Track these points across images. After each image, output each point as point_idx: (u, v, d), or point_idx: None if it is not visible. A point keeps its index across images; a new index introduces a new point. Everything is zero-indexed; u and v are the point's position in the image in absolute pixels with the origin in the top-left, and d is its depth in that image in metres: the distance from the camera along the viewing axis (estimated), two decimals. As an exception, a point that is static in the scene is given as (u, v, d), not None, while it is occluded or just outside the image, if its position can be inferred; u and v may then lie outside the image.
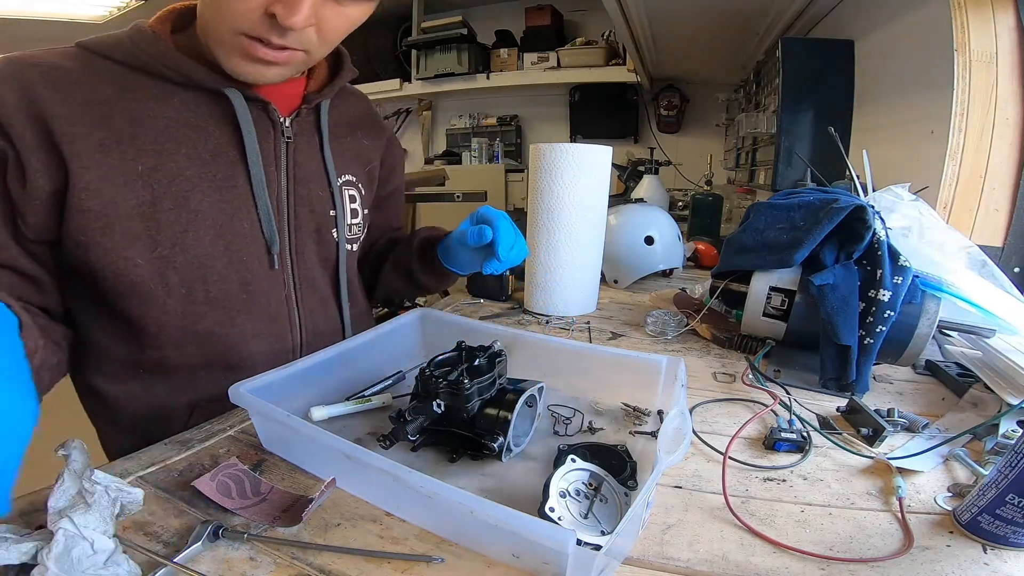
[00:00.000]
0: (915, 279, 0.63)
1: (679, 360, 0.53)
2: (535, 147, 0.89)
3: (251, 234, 0.59)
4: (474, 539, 0.36)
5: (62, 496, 0.32)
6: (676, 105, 3.21)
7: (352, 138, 0.71)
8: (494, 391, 0.47)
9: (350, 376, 0.58)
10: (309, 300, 0.66)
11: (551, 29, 3.24)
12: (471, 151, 3.57)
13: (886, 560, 0.36)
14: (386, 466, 0.35)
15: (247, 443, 0.49)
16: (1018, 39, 0.91)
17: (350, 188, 0.69)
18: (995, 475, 0.38)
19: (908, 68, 1.16)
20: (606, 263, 1.06)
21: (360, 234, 0.72)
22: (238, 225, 0.58)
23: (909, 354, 0.65)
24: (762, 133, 1.80)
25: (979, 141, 0.94)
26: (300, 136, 0.63)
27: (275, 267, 0.61)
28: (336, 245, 0.68)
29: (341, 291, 0.70)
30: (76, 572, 0.28)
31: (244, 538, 0.35)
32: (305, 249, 0.65)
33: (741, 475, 0.46)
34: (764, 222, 0.76)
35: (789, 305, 0.71)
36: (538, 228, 0.91)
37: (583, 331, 0.85)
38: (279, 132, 0.60)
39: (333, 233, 0.67)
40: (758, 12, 1.67)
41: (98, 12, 2.43)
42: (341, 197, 0.67)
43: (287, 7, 0.47)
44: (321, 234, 0.66)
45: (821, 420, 0.56)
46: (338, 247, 0.68)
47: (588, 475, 0.40)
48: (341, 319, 0.71)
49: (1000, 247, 0.94)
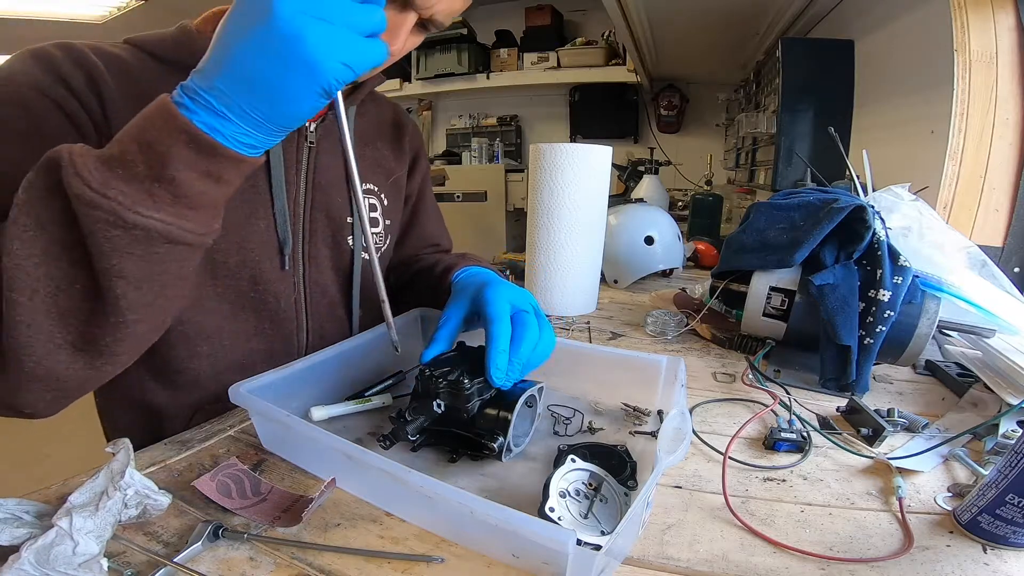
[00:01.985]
0: (915, 279, 0.63)
1: (679, 360, 0.53)
2: (535, 147, 0.89)
3: (266, 233, 0.59)
4: (474, 539, 0.36)
5: (86, 492, 0.33)
6: (676, 105, 3.21)
7: (374, 147, 0.70)
8: (494, 391, 0.47)
9: (350, 376, 0.58)
10: (318, 304, 0.66)
11: (551, 29, 3.24)
12: (471, 151, 3.57)
13: (886, 560, 0.36)
14: (386, 466, 0.35)
15: (247, 443, 0.49)
16: (1018, 39, 0.91)
17: (371, 197, 0.69)
18: (995, 475, 0.38)
19: (908, 68, 1.16)
20: (606, 263, 1.06)
21: (381, 244, 0.72)
22: (254, 224, 0.58)
23: (909, 354, 0.65)
24: (762, 133, 1.80)
25: (979, 141, 0.94)
26: (323, 141, 0.63)
27: (286, 268, 0.61)
28: (351, 253, 0.67)
29: (353, 298, 0.70)
30: (48, 568, 0.28)
31: (244, 538, 0.35)
32: (319, 254, 0.64)
33: (741, 475, 0.46)
34: (764, 222, 0.76)
35: (789, 305, 0.71)
36: (538, 228, 0.91)
37: (583, 331, 0.85)
38: (303, 137, 0.60)
39: (349, 240, 0.67)
40: (758, 12, 1.67)
41: (98, 12, 2.43)
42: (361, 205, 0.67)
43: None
44: (336, 241, 0.66)
45: (821, 420, 0.56)
46: (353, 255, 0.68)
47: (588, 475, 0.40)
48: (350, 326, 0.71)
49: (1000, 247, 0.94)
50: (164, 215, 0.35)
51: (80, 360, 0.38)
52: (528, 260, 0.96)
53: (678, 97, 3.21)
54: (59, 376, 0.38)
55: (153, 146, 0.34)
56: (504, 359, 0.47)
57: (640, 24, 1.87)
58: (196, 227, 0.38)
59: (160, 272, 0.38)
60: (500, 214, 3.34)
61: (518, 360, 0.47)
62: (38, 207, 0.35)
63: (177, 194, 0.35)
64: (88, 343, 0.38)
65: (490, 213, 3.33)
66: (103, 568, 0.30)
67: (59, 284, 0.36)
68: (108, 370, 0.41)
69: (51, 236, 0.35)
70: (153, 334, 0.43)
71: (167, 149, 0.34)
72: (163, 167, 0.34)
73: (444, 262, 0.71)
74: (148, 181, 0.35)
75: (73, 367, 0.38)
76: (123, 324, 0.38)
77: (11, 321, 0.35)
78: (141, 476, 0.35)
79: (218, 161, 0.36)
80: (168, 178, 0.35)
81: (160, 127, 0.34)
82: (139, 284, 0.37)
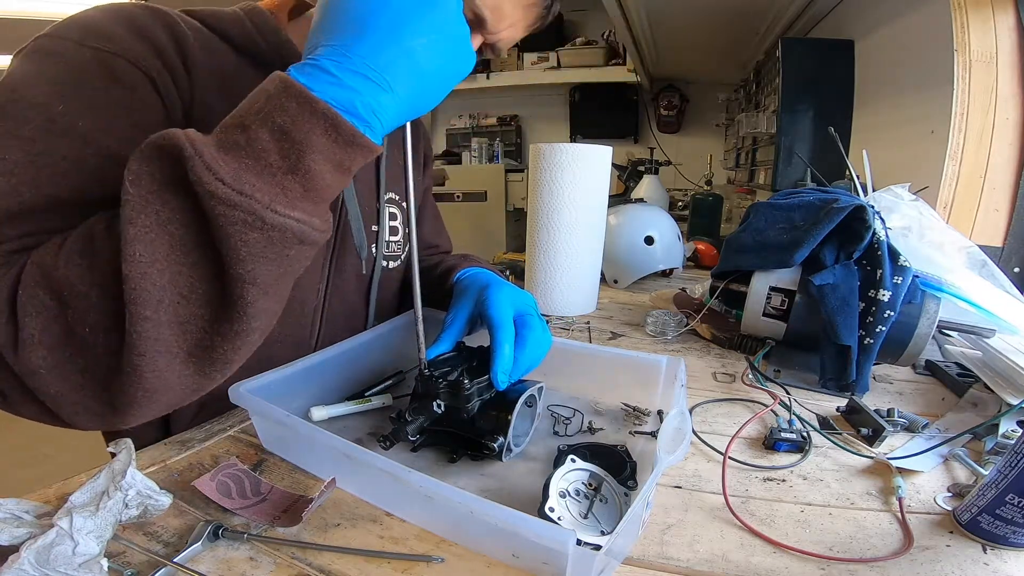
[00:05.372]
0: (915, 279, 0.63)
1: (679, 360, 0.53)
2: (535, 147, 0.89)
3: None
4: (474, 539, 0.36)
5: (87, 492, 0.33)
6: (676, 105, 3.21)
7: (393, 156, 0.71)
8: (494, 391, 0.47)
9: (350, 376, 0.58)
10: (336, 309, 0.65)
11: (551, 29, 3.22)
12: (471, 151, 3.57)
13: (886, 560, 0.36)
14: (386, 466, 0.35)
15: (247, 443, 0.49)
16: (1018, 39, 0.91)
17: (391, 206, 0.69)
18: (995, 475, 0.38)
19: (908, 68, 1.16)
20: (606, 263, 1.06)
21: (400, 252, 0.72)
22: None
23: (909, 354, 0.65)
24: (762, 133, 1.80)
25: (979, 141, 0.94)
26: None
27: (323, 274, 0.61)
28: (373, 261, 0.68)
29: (370, 306, 0.70)
30: (48, 568, 0.28)
31: (244, 538, 0.35)
32: (345, 263, 0.64)
33: (741, 475, 0.46)
34: (764, 222, 0.76)
35: (789, 305, 0.71)
36: (538, 228, 0.91)
37: (583, 331, 0.85)
38: None
39: (372, 248, 0.67)
40: (758, 12, 1.67)
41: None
42: (383, 213, 0.67)
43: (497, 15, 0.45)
44: (361, 248, 0.66)
45: (821, 420, 0.56)
46: (375, 263, 0.68)
47: (588, 475, 0.40)
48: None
49: (1000, 247, 0.94)
50: (299, 213, 0.32)
51: (191, 367, 0.34)
52: (528, 260, 0.96)
53: (678, 97, 3.21)
54: (171, 387, 0.34)
55: (290, 134, 0.30)
56: (509, 363, 0.46)
57: (640, 24, 1.87)
58: (322, 224, 0.34)
59: (289, 275, 0.35)
60: (500, 214, 3.34)
61: (522, 364, 0.48)
62: (156, 204, 0.30)
63: (308, 187, 0.32)
64: (205, 350, 0.34)
65: (490, 213, 3.33)
66: (103, 568, 0.30)
67: (183, 292, 0.32)
68: (216, 379, 0.37)
69: (173, 237, 0.30)
70: (260, 341, 0.38)
71: (305, 136, 0.30)
72: (300, 158, 0.31)
73: (445, 263, 0.72)
74: (281, 174, 0.31)
75: (185, 374, 0.34)
76: (245, 332, 0.34)
77: (137, 337, 0.31)
78: (143, 476, 0.35)
79: (353, 150, 0.33)
80: (304, 169, 0.31)
81: (295, 112, 0.30)
82: (267, 289, 0.33)
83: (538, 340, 0.50)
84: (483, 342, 0.52)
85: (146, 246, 0.30)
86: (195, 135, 0.30)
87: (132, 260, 0.30)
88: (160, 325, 0.31)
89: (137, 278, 0.30)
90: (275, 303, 0.36)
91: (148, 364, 0.32)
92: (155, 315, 0.31)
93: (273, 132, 0.30)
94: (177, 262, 0.31)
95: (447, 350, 0.51)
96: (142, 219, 0.30)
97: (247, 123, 0.31)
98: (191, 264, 0.31)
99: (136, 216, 0.30)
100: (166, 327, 0.32)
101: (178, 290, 0.31)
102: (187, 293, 0.32)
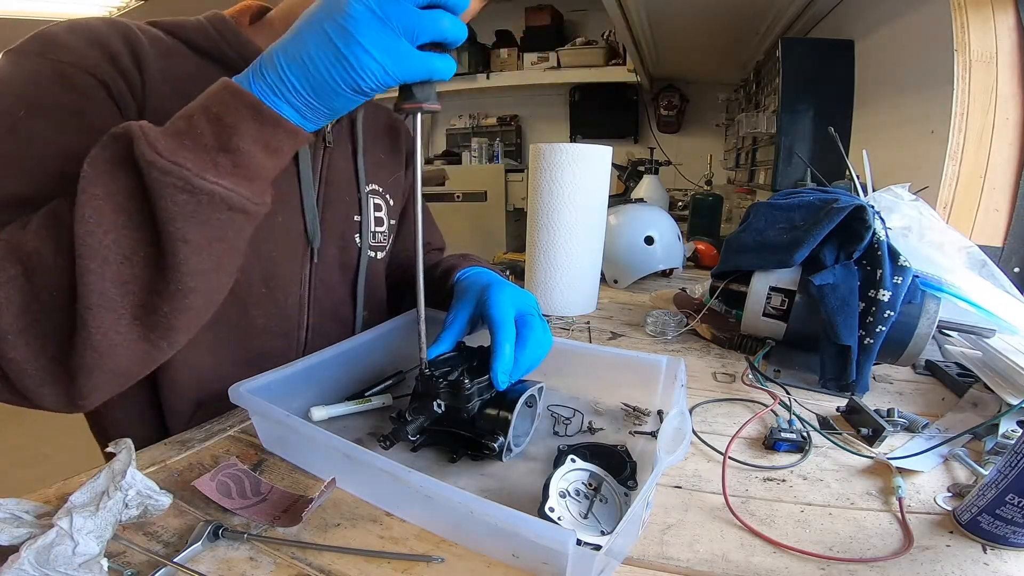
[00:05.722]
0: (915, 279, 0.63)
1: (679, 360, 0.53)
2: (535, 147, 0.89)
3: (284, 229, 0.59)
4: (474, 539, 0.36)
5: (87, 492, 0.33)
6: (676, 105, 3.21)
7: (375, 149, 0.72)
8: (494, 391, 0.47)
9: (350, 376, 0.58)
10: (322, 301, 0.66)
11: (551, 29, 3.25)
12: (471, 151, 3.57)
13: (886, 560, 0.36)
14: (386, 466, 0.35)
15: (247, 443, 0.49)
16: (1018, 39, 0.91)
17: (376, 197, 0.71)
18: (995, 475, 0.38)
19: (908, 68, 1.16)
20: (606, 263, 1.06)
21: (385, 243, 0.73)
22: (272, 220, 0.58)
23: (909, 354, 0.65)
24: (762, 133, 1.80)
25: (979, 141, 0.94)
26: (337, 142, 0.64)
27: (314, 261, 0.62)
28: (358, 251, 0.69)
29: (358, 297, 0.70)
30: (48, 568, 0.28)
31: (244, 538, 0.35)
32: (327, 252, 0.65)
33: (741, 475, 0.46)
34: (764, 222, 0.76)
35: (789, 305, 0.71)
36: (538, 228, 0.91)
37: (583, 331, 0.85)
38: (321, 137, 0.62)
39: (356, 239, 0.68)
40: (758, 12, 1.68)
41: (98, 12, 2.43)
42: (367, 204, 0.68)
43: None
44: (344, 239, 0.67)
45: (821, 420, 0.56)
46: (360, 253, 0.69)
47: (588, 475, 0.40)
48: (353, 327, 0.71)
49: (1000, 247, 0.94)
50: (227, 182, 0.37)
51: (136, 331, 0.39)
52: (528, 260, 0.96)
53: (678, 97, 3.21)
54: (119, 351, 0.39)
55: (222, 119, 0.36)
56: (509, 363, 0.47)
57: (640, 24, 1.87)
58: (253, 196, 0.39)
59: (219, 238, 0.39)
60: (500, 214, 3.34)
61: (523, 364, 0.48)
62: (106, 178, 0.36)
63: (238, 163, 0.37)
64: (148, 312, 0.39)
65: (490, 213, 3.33)
66: (103, 568, 0.30)
67: (126, 253, 0.37)
68: (163, 347, 0.41)
69: (118, 205, 0.36)
70: (205, 311, 0.43)
71: (234, 122, 0.36)
72: (229, 138, 0.37)
73: (445, 263, 0.72)
74: (214, 151, 0.36)
75: (131, 338, 0.39)
76: (181, 293, 0.39)
77: (83, 289, 0.36)
78: (143, 476, 0.35)
79: (278, 133, 0.38)
80: (233, 148, 0.37)
81: (227, 102, 0.37)
82: (199, 249, 0.38)
83: (539, 340, 0.50)
84: (483, 342, 0.52)
85: (94, 210, 0.36)
86: (147, 125, 0.36)
87: (82, 221, 0.35)
88: (104, 279, 0.36)
89: (84, 235, 0.35)
90: (211, 267, 0.40)
91: (95, 319, 0.36)
92: (100, 269, 0.36)
93: (209, 119, 0.37)
94: (121, 225, 0.36)
95: (447, 350, 0.51)
96: (93, 189, 0.36)
97: (190, 113, 0.37)
98: (133, 227, 0.37)
99: (88, 187, 0.36)
100: (110, 283, 0.37)
101: (122, 251, 0.37)
102: (130, 255, 0.37)
